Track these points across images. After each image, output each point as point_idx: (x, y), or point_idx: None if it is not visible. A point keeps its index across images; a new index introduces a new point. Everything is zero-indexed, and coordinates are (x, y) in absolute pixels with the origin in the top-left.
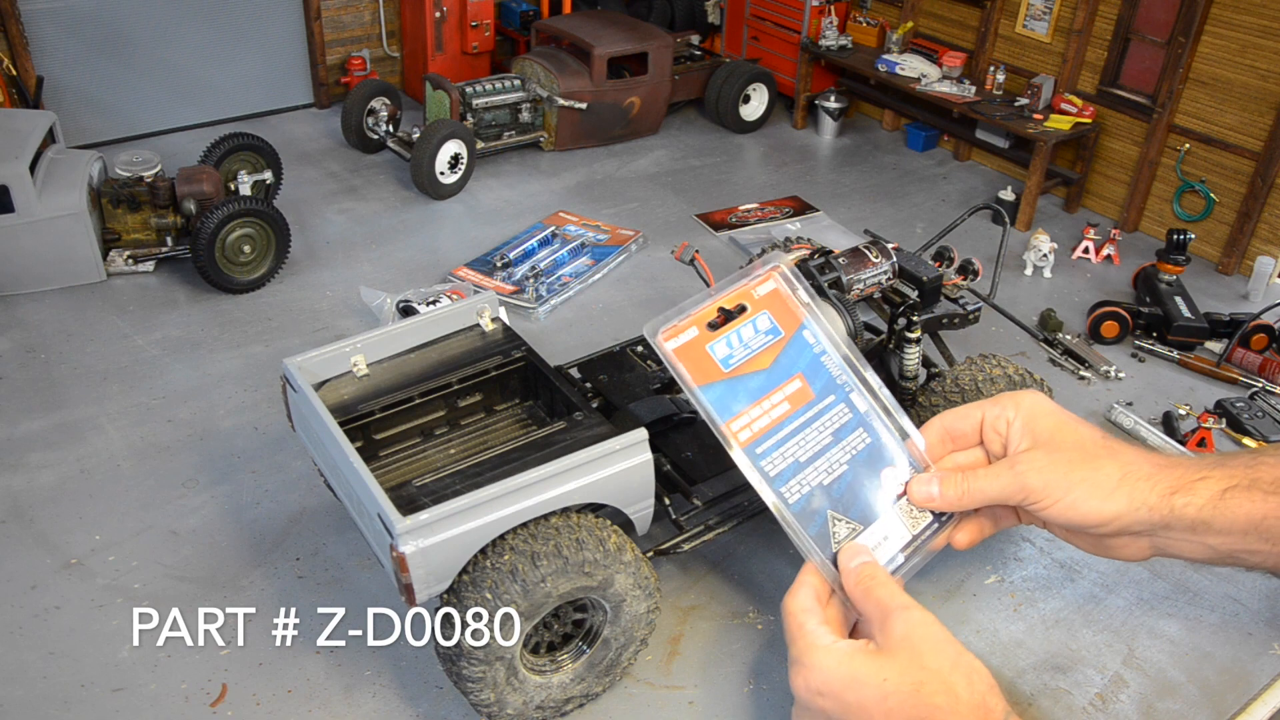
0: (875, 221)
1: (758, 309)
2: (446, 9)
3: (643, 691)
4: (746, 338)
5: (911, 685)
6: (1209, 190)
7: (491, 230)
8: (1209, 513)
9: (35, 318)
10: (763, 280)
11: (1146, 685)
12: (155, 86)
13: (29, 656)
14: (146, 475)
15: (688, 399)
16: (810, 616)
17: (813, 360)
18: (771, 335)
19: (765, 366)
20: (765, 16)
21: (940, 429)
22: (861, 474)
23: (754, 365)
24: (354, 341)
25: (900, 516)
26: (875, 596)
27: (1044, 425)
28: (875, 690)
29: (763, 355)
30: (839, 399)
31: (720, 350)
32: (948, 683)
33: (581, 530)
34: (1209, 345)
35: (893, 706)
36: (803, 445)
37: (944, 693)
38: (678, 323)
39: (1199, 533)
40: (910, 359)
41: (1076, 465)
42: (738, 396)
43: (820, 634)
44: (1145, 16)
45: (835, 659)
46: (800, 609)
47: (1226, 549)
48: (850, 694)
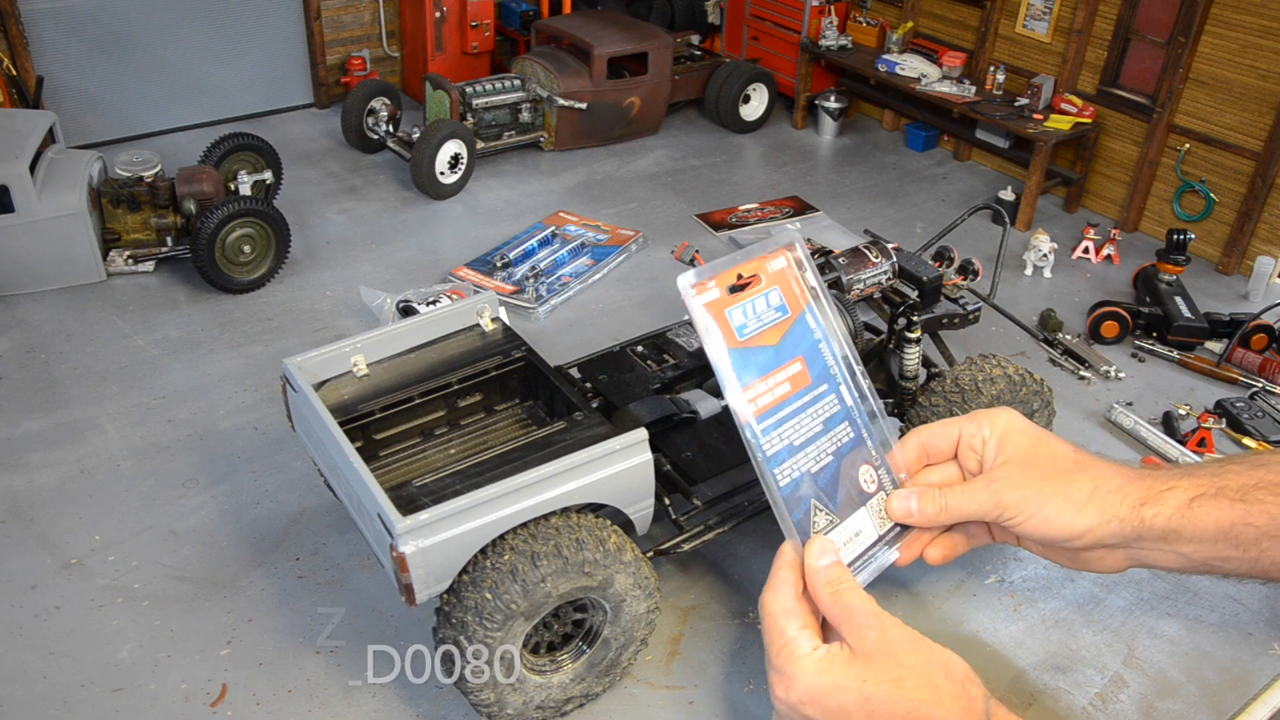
0: (875, 221)
1: (770, 283)
2: (446, 9)
3: (643, 691)
4: (759, 310)
5: (892, 683)
6: (1209, 190)
7: (491, 230)
8: (1178, 521)
9: (35, 318)
10: (774, 255)
11: (1146, 685)
12: (155, 86)
13: (29, 656)
14: (146, 475)
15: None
16: (791, 620)
17: (813, 345)
18: (780, 313)
19: (773, 343)
20: (765, 16)
21: (917, 444)
22: (844, 467)
23: (764, 340)
24: (354, 341)
25: (870, 516)
26: (844, 602)
27: (1018, 442)
28: (856, 693)
29: (772, 331)
30: (831, 389)
31: (737, 317)
32: (927, 676)
33: (581, 530)
34: (1209, 345)
35: (875, 707)
36: (798, 429)
37: (925, 686)
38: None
39: (1170, 542)
40: (910, 359)
41: (1049, 480)
42: (748, 367)
43: (801, 641)
44: (1145, 16)
45: (816, 668)
46: (782, 610)
47: (1200, 557)
48: (831, 700)
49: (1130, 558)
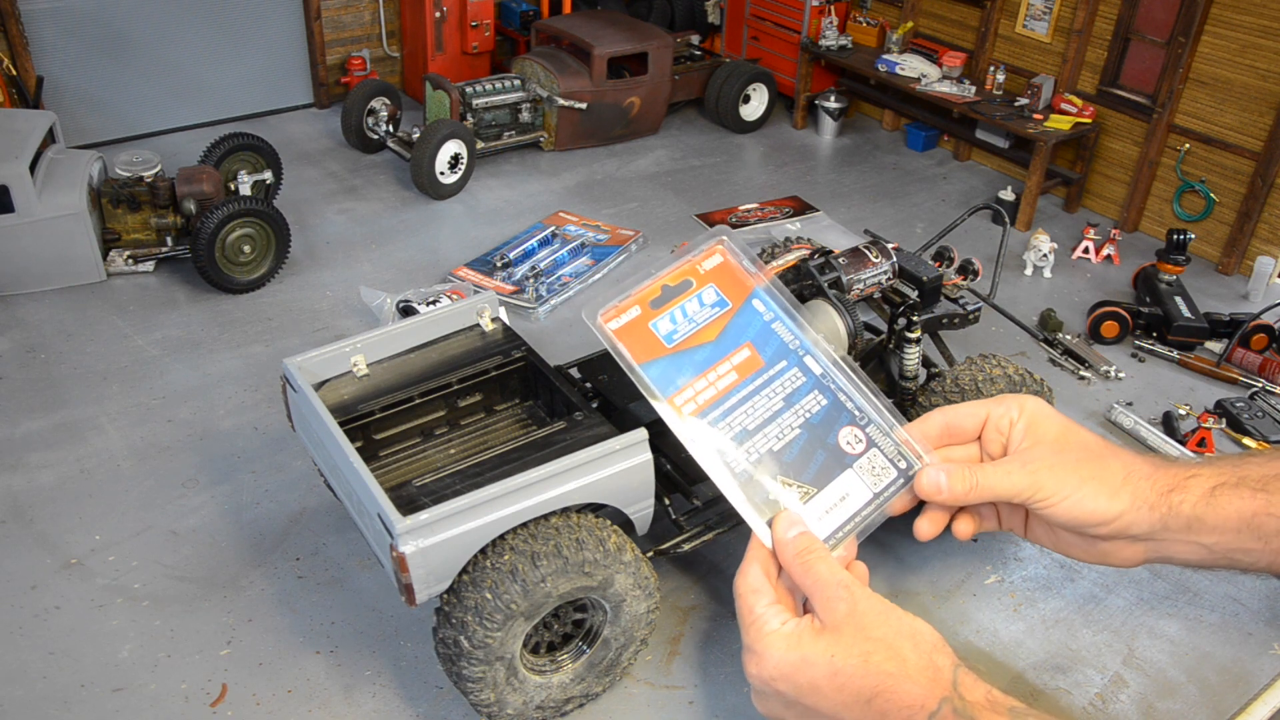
0: (875, 221)
1: (703, 283)
2: (446, 9)
3: (643, 691)
4: (691, 312)
5: (859, 656)
6: (1209, 190)
7: (491, 230)
8: (1201, 509)
9: (35, 318)
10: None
11: (1146, 685)
12: (155, 86)
13: (29, 656)
14: (146, 475)
15: None
16: (760, 598)
17: (763, 328)
18: (718, 307)
19: (712, 339)
20: (765, 16)
21: (942, 423)
22: (817, 436)
23: (700, 338)
24: (354, 341)
25: (860, 475)
26: (814, 572)
27: (1048, 427)
28: (825, 667)
29: (709, 328)
30: (791, 363)
31: (664, 326)
32: (894, 648)
33: (582, 530)
34: (1209, 345)
35: (844, 681)
36: (751, 413)
37: (892, 659)
38: (619, 303)
39: (1194, 532)
40: (910, 359)
41: (1084, 464)
42: (682, 370)
43: (769, 617)
44: (1145, 16)
45: (785, 643)
46: (750, 590)
47: (1221, 549)
48: (801, 675)
49: (1150, 550)
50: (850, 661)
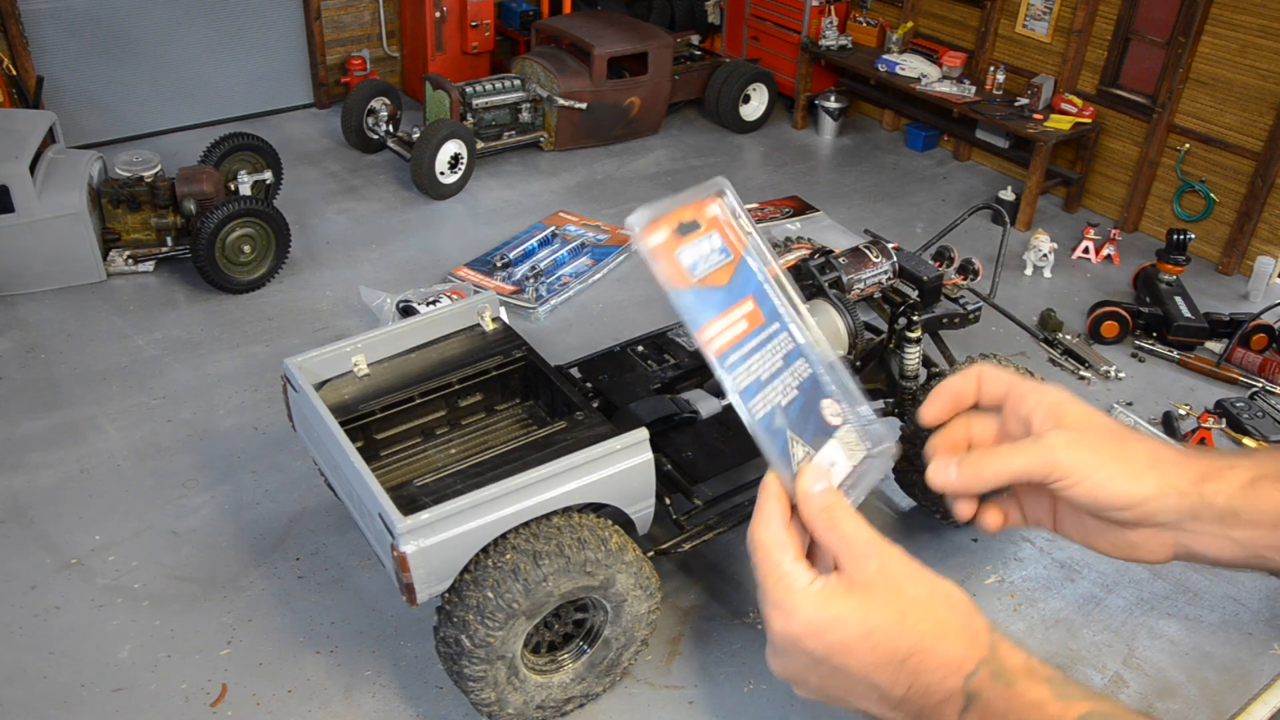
0: (875, 221)
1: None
2: (446, 9)
3: (643, 691)
4: (705, 252)
5: (896, 615)
6: (1209, 190)
7: (491, 230)
8: (1238, 501)
9: (35, 318)
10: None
11: (1146, 685)
12: (155, 86)
13: (29, 656)
14: (146, 475)
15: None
16: (785, 552)
17: (759, 286)
18: (724, 255)
19: (724, 283)
20: (765, 16)
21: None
22: (810, 401)
23: (715, 279)
24: (354, 341)
25: (841, 449)
26: (840, 529)
27: (1072, 410)
28: (859, 626)
29: (720, 271)
30: (782, 328)
31: (687, 257)
32: (930, 608)
33: (583, 530)
34: (1209, 345)
35: (878, 641)
36: (763, 364)
37: (928, 618)
38: (659, 215)
39: (1228, 524)
40: (910, 359)
41: (1106, 444)
42: (706, 306)
43: (797, 574)
44: (1145, 16)
45: (817, 601)
46: (774, 543)
47: (1253, 544)
48: (833, 634)
49: (1178, 544)
50: (886, 620)
